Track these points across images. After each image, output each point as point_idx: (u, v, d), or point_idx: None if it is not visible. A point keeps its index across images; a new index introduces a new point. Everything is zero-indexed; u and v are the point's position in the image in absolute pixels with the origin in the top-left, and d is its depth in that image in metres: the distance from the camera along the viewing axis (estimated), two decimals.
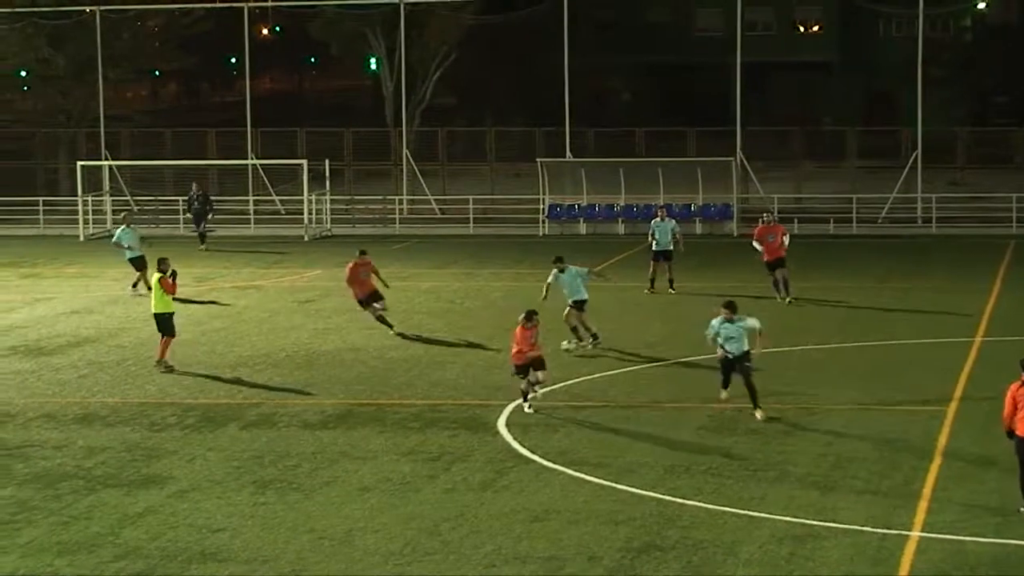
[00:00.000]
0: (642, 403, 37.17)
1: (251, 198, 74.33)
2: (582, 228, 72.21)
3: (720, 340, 35.03)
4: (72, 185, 72.91)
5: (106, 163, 74.63)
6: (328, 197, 71.92)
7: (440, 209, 74.96)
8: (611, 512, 28.29)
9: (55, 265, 62.73)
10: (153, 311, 41.79)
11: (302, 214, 70.58)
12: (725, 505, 28.09)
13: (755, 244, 49.94)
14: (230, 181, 76.51)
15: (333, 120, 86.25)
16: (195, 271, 59.62)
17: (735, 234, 62.50)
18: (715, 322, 35.11)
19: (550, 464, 31.51)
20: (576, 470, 31.02)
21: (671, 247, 52.28)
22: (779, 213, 67.43)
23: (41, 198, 76.54)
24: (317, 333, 45.99)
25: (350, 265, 45.86)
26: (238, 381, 40.15)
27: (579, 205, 72.44)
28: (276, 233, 71.03)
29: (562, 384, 38.45)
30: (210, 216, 67.02)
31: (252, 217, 73.95)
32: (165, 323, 41.42)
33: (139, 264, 52.97)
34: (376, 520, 28.18)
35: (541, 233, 71.82)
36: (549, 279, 43.50)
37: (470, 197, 73.27)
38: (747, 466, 30.67)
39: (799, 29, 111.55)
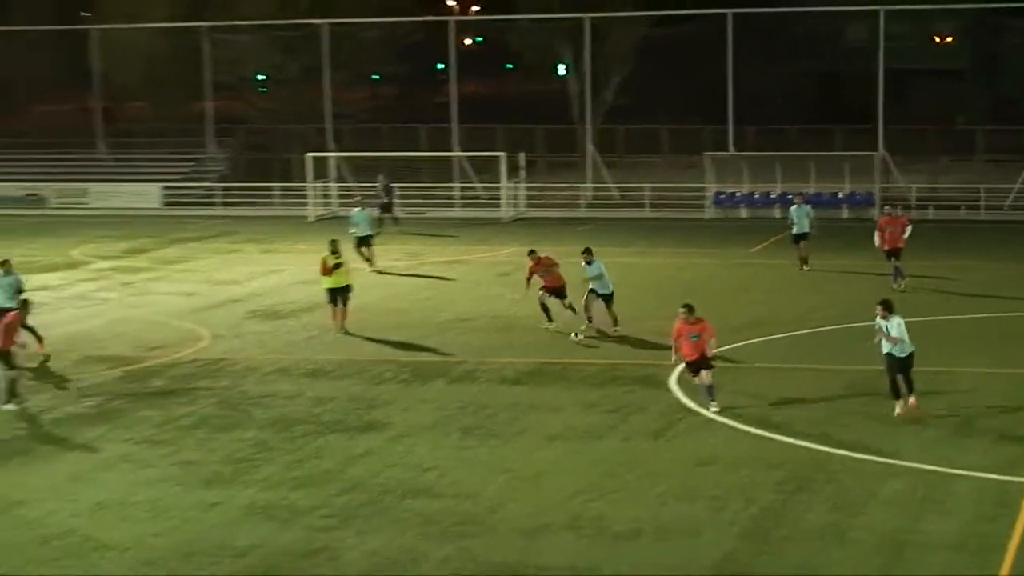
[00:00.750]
0: (795, 365, 37.06)
1: (457, 185, 74.62)
2: (743, 213, 71.89)
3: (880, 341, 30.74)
4: (302, 173, 73.53)
5: (332, 154, 75.33)
6: (523, 184, 72.10)
7: (620, 195, 74.81)
8: (766, 459, 28.37)
9: (287, 242, 63.30)
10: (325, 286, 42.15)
11: (499, 199, 70.65)
12: (866, 454, 28.15)
13: (876, 236, 48.33)
14: (439, 170, 76.66)
15: (527, 118, 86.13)
16: (409, 248, 59.98)
17: (876, 219, 61.77)
18: (879, 321, 30.64)
19: (714, 417, 31.55)
20: (736, 422, 31.05)
21: (808, 229, 51.84)
22: (916, 201, 67.12)
23: (277, 184, 77.31)
24: (513, 302, 46.09)
25: (530, 265, 42.22)
26: (445, 342, 40.42)
27: (740, 193, 72.12)
28: (478, 215, 71.09)
29: (724, 348, 38.39)
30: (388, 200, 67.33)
31: (457, 201, 74.10)
32: (335, 295, 41.96)
33: (364, 242, 53.39)
34: (563, 464, 28.42)
35: (707, 217, 71.62)
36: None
37: (646, 185, 73.12)
38: (885, 421, 30.52)
39: (934, 40, 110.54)
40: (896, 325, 30.15)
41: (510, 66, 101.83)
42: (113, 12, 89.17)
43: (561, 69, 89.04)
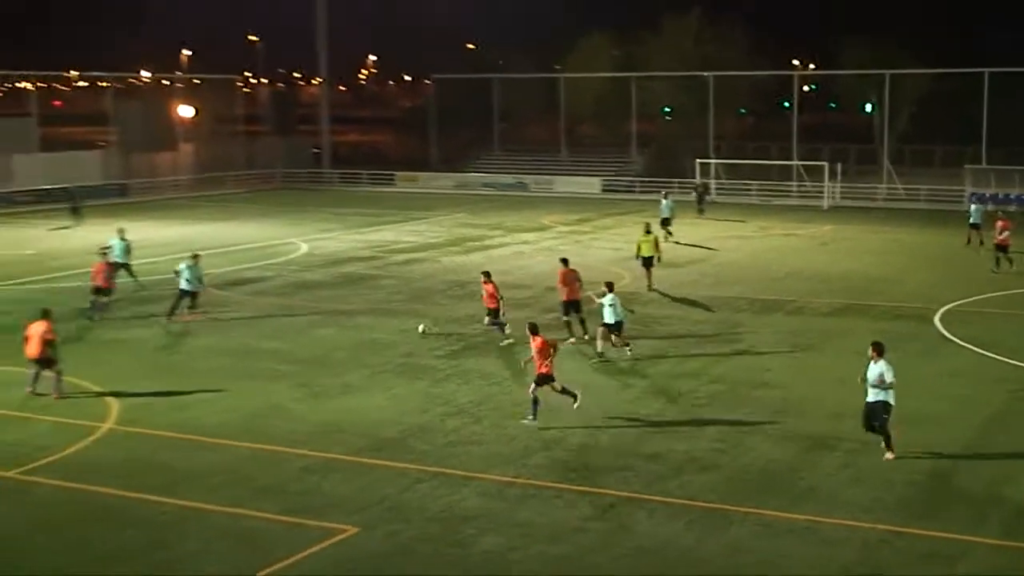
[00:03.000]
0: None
1: (794, 183, 73.49)
2: (990, 207, 68.77)
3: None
4: (692, 173, 73.25)
5: (712, 160, 74.66)
6: (838, 184, 70.60)
7: (905, 194, 72.36)
8: (1000, 376, 27.73)
9: (684, 218, 63.04)
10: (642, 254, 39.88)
11: (822, 194, 69.30)
12: None
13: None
14: (783, 172, 75.43)
15: (842, 140, 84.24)
16: (760, 223, 59.55)
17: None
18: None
19: (964, 344, 30.89)
20: (978, 348, 30.44)
21: (979, 220, 48.64)
22: None
23: (675, 180, 77.33)
24: (830, 263, 45.52)
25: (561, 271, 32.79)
26: (783, 287, 40.20)
27: (988, 193, 68.67)
28: (807, 204, 69.93)
29: (975, 297, 37.26)
30: (707, 198, 66.22)
31: (794, 194, 72.91)
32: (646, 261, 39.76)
33: (665, 223, 52.53)
34: (856, 371, 28.08)
35: (963, 209, 68.89)
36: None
37: (922, 187, 70.73)
38: None
39: None
40: (881, 370, 21.81)
41: (833, 105, 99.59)
42: (575, 65, 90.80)
43: (868, 108, 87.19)
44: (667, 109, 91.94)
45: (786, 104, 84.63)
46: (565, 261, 32.91)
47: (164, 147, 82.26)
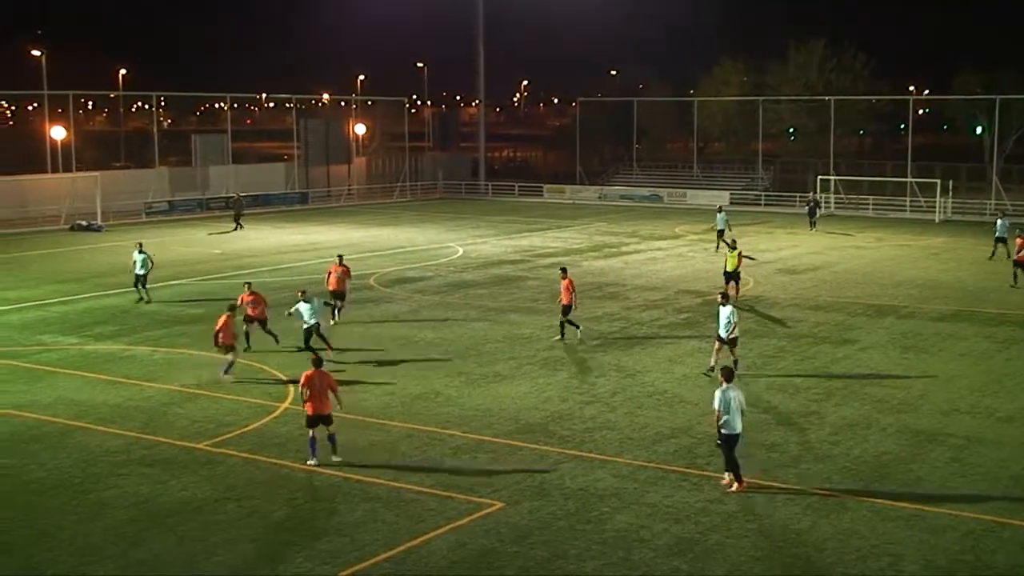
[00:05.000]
0: None
1: (908, 198, 71.52)
2: None
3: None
4: (815, 188, 72.14)
5: (832, 177, 73.30)
6: (950, 200, 68.59)
7: (1011, 208, 70.10)
8: None
9: (800, 230, 62.09)
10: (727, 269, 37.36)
11: (935, 208, 67.44)
12: None
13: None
14: (897, 189, 73.67)
15: (954, 159, 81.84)
16: (876, 234, 58.20)
17: None
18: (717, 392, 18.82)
19: None
20: None
21: (1004, 234, 46.93)
22: None
23: (798, 193, 76.17)
24: (941, 271, 44.29)
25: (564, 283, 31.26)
26: (897, 293, 39.25)
27: None
28: (920, 217, 68.11)
29: None
30: (820, 212, 64.14)
31: (908, 208, 70.99)
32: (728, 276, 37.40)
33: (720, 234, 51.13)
34: (967, 371, 27.65)
35: None
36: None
37: None
38: None
39: None
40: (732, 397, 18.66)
41: (945, 127, 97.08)
42: (707, 90, 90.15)
43: (978, 130, 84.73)
44: (791, 129, 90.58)
45: (901, 126, 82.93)
46: (564, 271, 31.84)
47: (340, 160, 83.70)
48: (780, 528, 17.29)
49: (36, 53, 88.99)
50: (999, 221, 49.02)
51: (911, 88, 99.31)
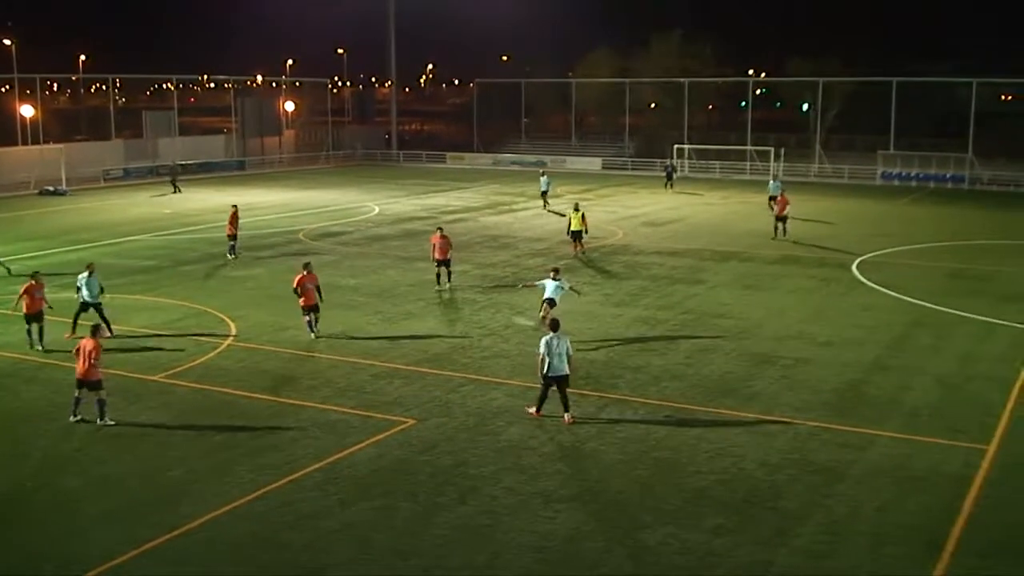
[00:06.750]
0: (931, 264, 35.31)
1: (748, 163, 72.29)
2: (897, 183, 67.97)
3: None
4: (672, 156, 72.27)
5: (687, 146, 73.68)
6: (782, 163, 69.30)
7: (832, 171, 71.19)
8: (897, 308, 27.46)
9: (655, 191, 62.51)
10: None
11: (769, 171, 68.30)
12: (956, 310, 26.82)
13: None
14: (738, 154, 74.42)
15: (784, 131, 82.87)
16: (721, 194, 58.67)
17: None
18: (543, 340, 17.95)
19: (873, 286, 30.59)
20: (885, 288, 30.08)
21: (776, 195, 44.78)
22: None
23: (658, 160, 76.54)
24: (769, 224, 44.90)
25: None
26: (736, 242, 39.58)
27: (894, 172, 67.98)
28: (755, 179, 68.93)
29: (884, 251, 36.83)
30: (675, 176, 65.01)
31: (747, 171, 71.79)
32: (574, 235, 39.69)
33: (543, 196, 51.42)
34: (794, 305, 28.20)
35: (876, 184, 68.02)
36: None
37: (845, 166, 69.70)
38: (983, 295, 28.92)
39: None
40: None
41: (778, 104, 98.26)
42: (583, 72, 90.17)
43: (805, 107, 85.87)
44: (652, 106, 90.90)
45: (743, 103, 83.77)
46: (440, 229, 30.59)
47: (272, 133, 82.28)
48: (643, 435, 17.53)
49: (7, 42, 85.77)
50: (771, 183, 48.46)
51: (750, 72, 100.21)
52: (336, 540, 13.52)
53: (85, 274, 24.72)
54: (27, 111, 68.89)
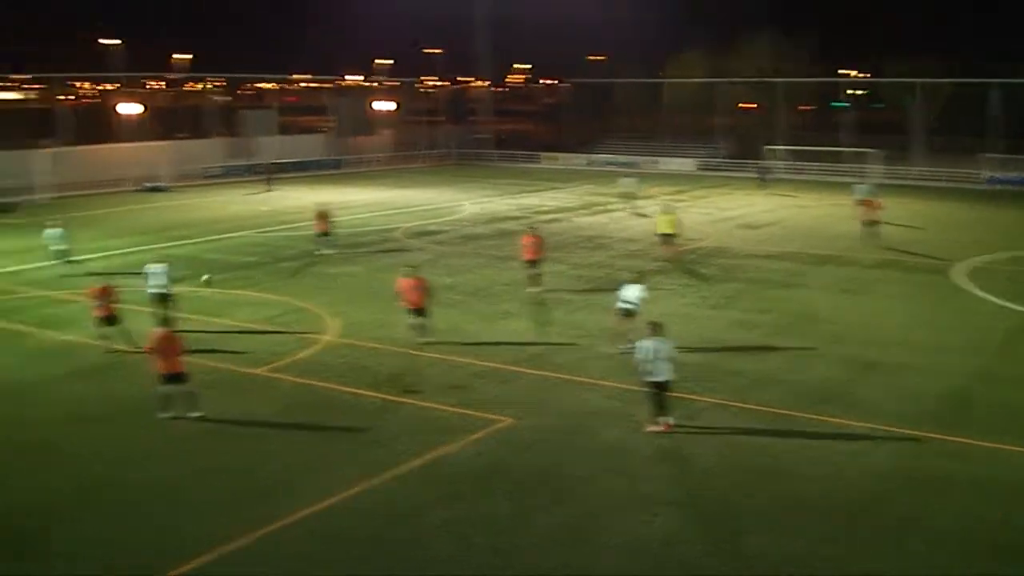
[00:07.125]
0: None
1: (847, 165, 70.84)
2: (998, 187, 65.82)
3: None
4: (768, 160, 71.24)
5: (779, 147, 72.44)
6: (881, 166, 67.80)
7: (930, 172, 69.38)
8: (999, 314, 26.66)
9: (749, 192, 61.68)
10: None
11: (867, 174, 66.78)
12: None
13: None
14: (838, 155, 72.98)
15: (887, 132, 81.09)
16: (816, 196, 57.75)
17: None
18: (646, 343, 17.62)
19: (976, 292, 29.79)
20: (988, 294, 29.22)
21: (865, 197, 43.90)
22: None
23: (751, 161, 75.47)
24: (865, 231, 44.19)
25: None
26: (833, 245, 38.93)
27: (996, 176, 65.60)
28: (854, 181, 67.60)
29: (985, 256, 35.81)
30: (769, 177, 63.70)
31: (844, 173, 70.42)
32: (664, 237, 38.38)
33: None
34: (893, 309, 27.56)
35: (979, 188, 65.98)
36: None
37: (942, 170, 67.82)
38: None
39: None
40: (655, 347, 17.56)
41: (880, 105, 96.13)
42: (674, 73, 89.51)
43: (904, 107, 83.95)
44: (747, 105, 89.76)
45: (840, 103, 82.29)
46: (533, 229, 30.75)
47: (367, 132, 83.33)
48: (744, 441, 17.33)
49: (113, 42, 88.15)
50: (864, 186, 47.63)
51: (849, 73, 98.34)
52: (436, 537, 13.64)
53: (157, 265, 25.10)
54: (134, 109, 71.22)
